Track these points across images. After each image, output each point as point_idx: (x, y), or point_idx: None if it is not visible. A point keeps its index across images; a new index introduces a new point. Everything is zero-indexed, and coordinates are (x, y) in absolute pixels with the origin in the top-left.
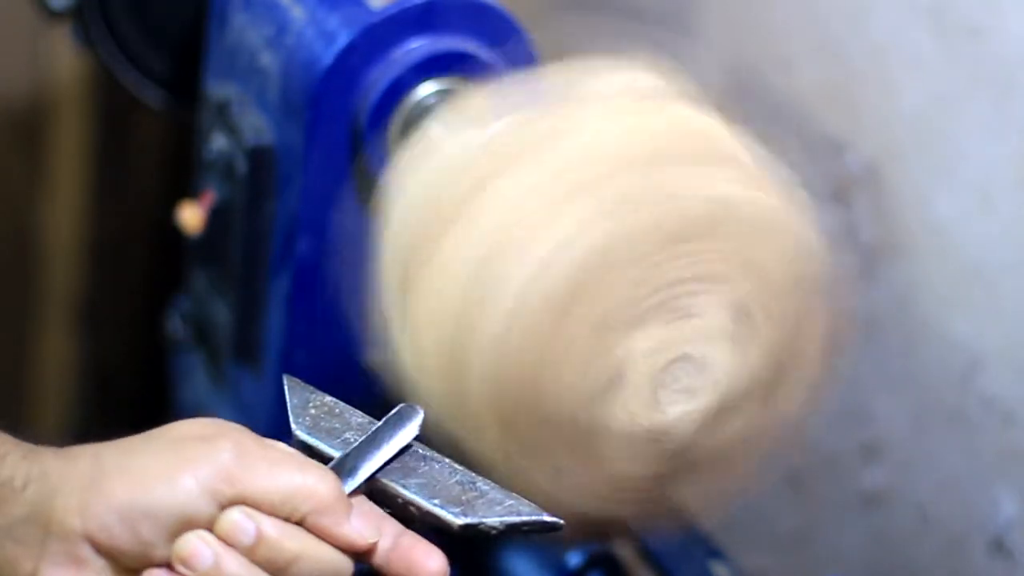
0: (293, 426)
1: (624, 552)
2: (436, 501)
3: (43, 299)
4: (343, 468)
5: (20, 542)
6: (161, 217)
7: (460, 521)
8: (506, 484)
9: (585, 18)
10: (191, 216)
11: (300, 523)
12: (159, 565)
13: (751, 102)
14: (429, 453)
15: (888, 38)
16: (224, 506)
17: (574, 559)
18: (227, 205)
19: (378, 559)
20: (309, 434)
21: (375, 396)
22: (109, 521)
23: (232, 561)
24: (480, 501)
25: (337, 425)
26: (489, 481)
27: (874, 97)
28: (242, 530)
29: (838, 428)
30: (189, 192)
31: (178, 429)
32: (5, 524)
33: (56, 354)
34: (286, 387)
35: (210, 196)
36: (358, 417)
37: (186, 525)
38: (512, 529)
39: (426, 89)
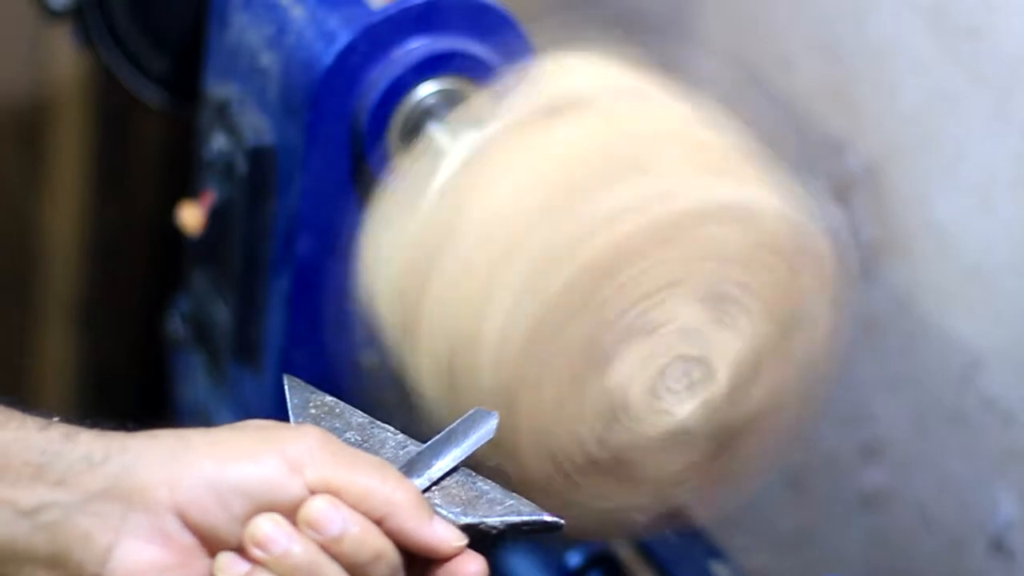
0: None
1: (624, 552)
2: (436, 501)
3: (43, 299)
4: (412, 470)
5: (96, 515)
6: (161, 217)
7: (460, 521)
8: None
9: (585, 18)
10: (191, 216)
11: (378, 523)
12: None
13: (751, 102)
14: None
15: (888, 38)
16: (312, 490)
17: (574, 559)
18: (227, 205)
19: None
20: None
21: (375, 396)
22: (199, 492)
23: (304, 548)
24: (480, 501)
25: (337, 425)
26: (489, 481)
27: (874, 97)
28: (329, 520)
29: (838, 428)
30: (189, 192)
31: (259, 422)
32: (81, 498)
33: (56, 354)
34: (286, 387)
35: (210, 196)
36: (358, 417)
37: (274, 504)
38: (512, 529)
39: (426, 89)
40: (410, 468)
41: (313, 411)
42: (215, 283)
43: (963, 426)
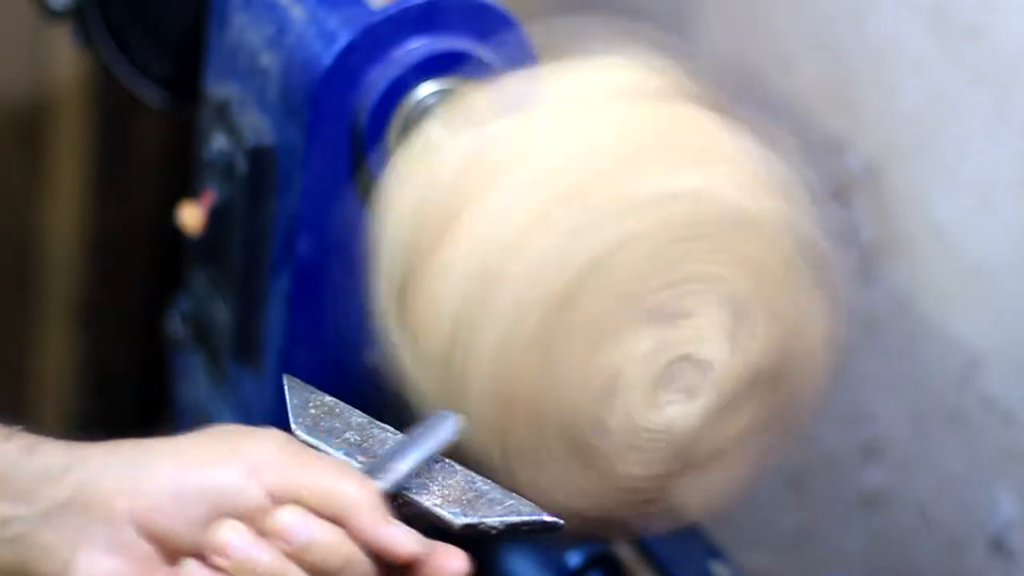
0: (293, 426)
1: (624, 552)
2: (436, 501)
3: (43, 299)
4: (375, 472)
5: (57, 528)
6: (161, 217)
7: (460, 521)
8: (505, 486)
9: (585, 18)
10: (191, 216)
11: (336, 522)
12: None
13: (751, 102)
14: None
15: (888, 38)
16: (272, 494)
17: (574, 559)
18: (227, 205)
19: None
20: (309, 434)
21: (375, 396)
22: (159, 500)
23: (266, 554)
24: (480, 501)
25: (337, 425)
26: (489, 481)
27: (874, 97)
28: (296, 529)
29: (838, 428)
30: (189, 192)
31: (221, 427)
32: (42, 511)
33: (56, 354)
34: (286, 387)
35: (210, 196)
36: (358, 417)
37: (234, 509)
38: (512, 529)
39: (426, 89)
40: (373, 471)
41: (313, 411)
42: (215, 283)
43: (963, 426)
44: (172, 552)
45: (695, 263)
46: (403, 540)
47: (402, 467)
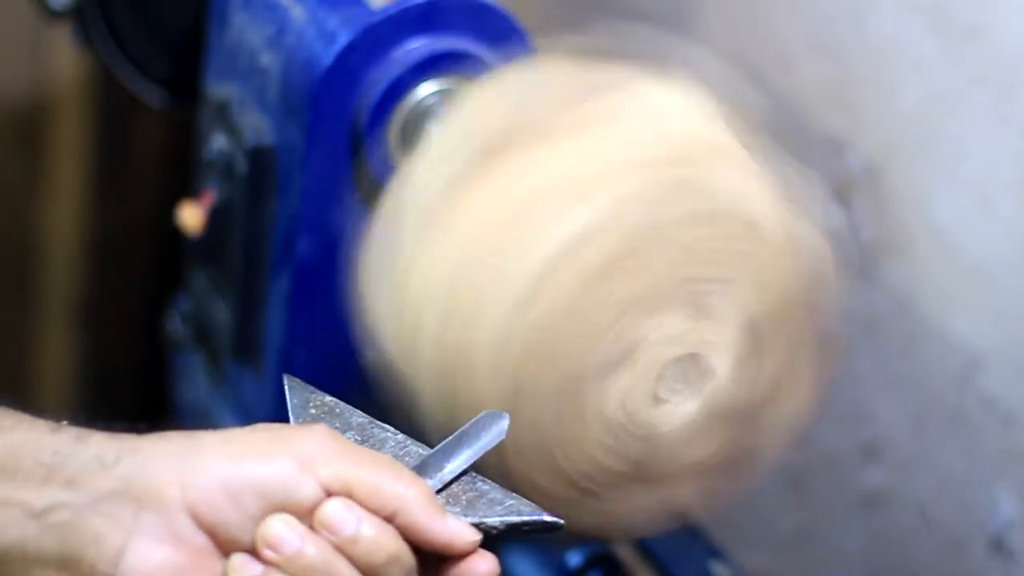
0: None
1: (624, 552)
2: (438, 501)
3: (43, 299)
4: (425, 471)
5: (108, 516)
6: (161, 217)
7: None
8: (505, 486)
9: (585, 18)
10: (191, 216)
11: (390, 520)
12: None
13: (751, 102)
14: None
15: (888, 38)
16: (324, 488)
17: (574, 559)
18: (227, 205)
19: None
20: None
21: (375, 396)
22: (212, 491)
23: (317, 549)
24: (480, 501)
25: (337, 425)
26: (489, 481)
27: (874, 97)
28: (344, 521)
29: (838, 428)
30: (189, 192)
31: (269, 424)
32: (92, 499)
33: (56, 354)
34: (286, 387)
35: (210, 196)
36: (358, 417)
37: (287, 503)
38: (512, 529)
39: (426, 89)
40: (422, 469)
41: (313, 411)
42: (215, 283)
43: (963, 426)
44: (226, 544)
45: (726, 263)
46: (462, 532)
47: (451, 466)
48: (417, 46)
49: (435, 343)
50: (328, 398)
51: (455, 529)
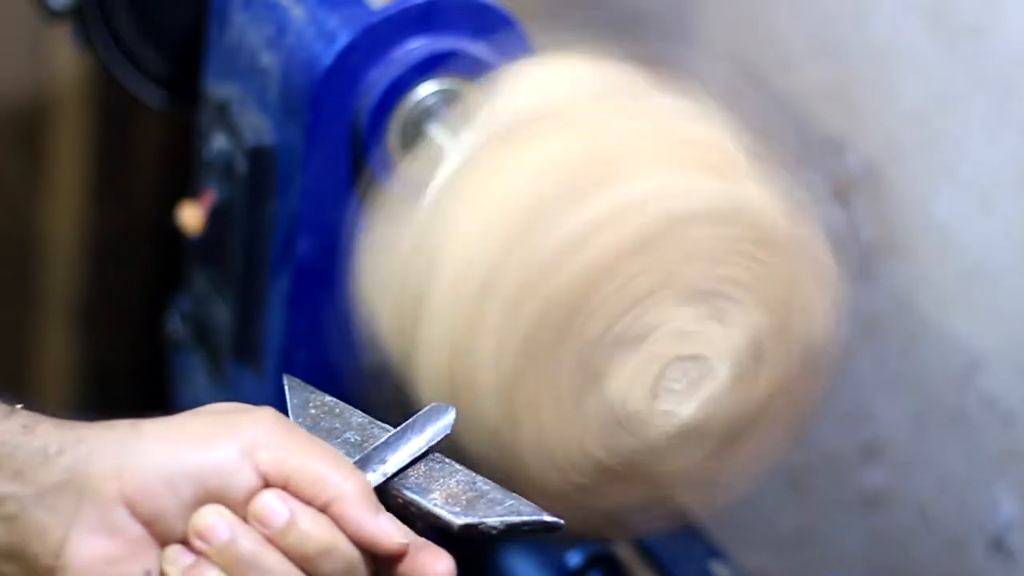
0: None
1: (624, 552)
2: (436, 501)
3: (43, 299)
4: (367, 464)
5: (51, 509)
6: (161, 217)
7: (460, 521)
8: (506, 486)
9: (585, 18)
10: (191, 216)
11: (323, 510)
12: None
13: (751, 102)
14: (430, 453)
15: (888, 38)
16: (262, 474)
17: (574, 559)
18: (227, 205)
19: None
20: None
21: (375, 396)
22: (149, 481)
23: (249, 539)
24: (480, 501)
25: (337, 425)
26: (489, 481)
27: (874, 97)
28: (275, 512)
29: (838, 428)
30: (189, 192)
31: (217, 406)
32: (36, 492)
33: (56, 354)
34: (286, 387)
35: (210, 196)
36: (358, 417)
37: (224, 491)
38: (512, 529)
39: (426, 89)
40: (364, 462)
41: (313, 411)
42: (215, 283)
43: (963, 426)
44: (163, 535)
45: (747, 268)
46: (389, 532)
47: (395, 460)
48: (417, 46)
49: (436, 363)
50: (328, 398)
51: (384, 528)
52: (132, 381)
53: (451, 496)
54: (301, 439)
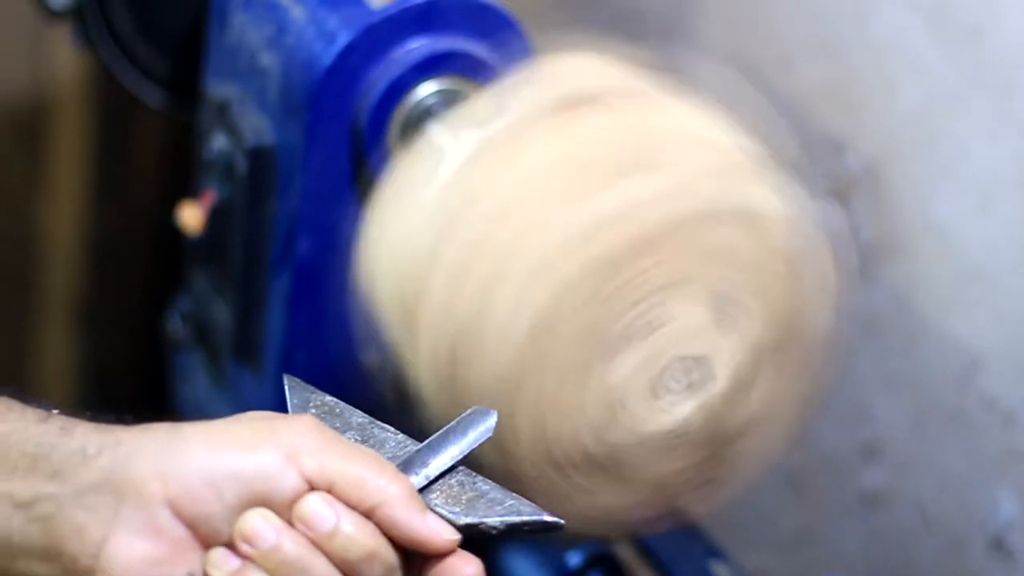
0: None
1: (624, 552)
2: (437, 501)
3: (43, 299)
4: (409, 467)
5: (90, 509)
6: (161, 217)
7: (460, 521)
8: (506, 487)
9: (585, 18)
10: (191, 216)
11: (368, 514)
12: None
13: (751, 102)
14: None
15: (888, 38)
16: (307, 480)
17: (574, 559)
18: (227, 205)
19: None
20: None
21: (375, 396)
22: (193, 484)
23: (295, 543)
24: (480, 501)
25: (337, 425)
26: (489, 481)
27: (874, 97)
28: (321, 516)
29: (838, 428)
30: (189, 192)
31: (255, 413)
32: (74, 491)
33: (56, 354)
34: (286, 387)
35: (210, 196)
36: (358, 417)
37: (269, 495)
38: (513, 529)
39: (426, 89)
40: (407, 465)
41: (313, 411)
42: (215, 283)
43: (963, 426)
44: (207, 537)
45: (653, 277)
46: (439, 531)
47: (437, 462)
48: (417, 46)
49: (439, 324)
50: (328, 398)
51: (434, 527)
52: (132, 381)
53: (451, 496)
54: (342, 444)
